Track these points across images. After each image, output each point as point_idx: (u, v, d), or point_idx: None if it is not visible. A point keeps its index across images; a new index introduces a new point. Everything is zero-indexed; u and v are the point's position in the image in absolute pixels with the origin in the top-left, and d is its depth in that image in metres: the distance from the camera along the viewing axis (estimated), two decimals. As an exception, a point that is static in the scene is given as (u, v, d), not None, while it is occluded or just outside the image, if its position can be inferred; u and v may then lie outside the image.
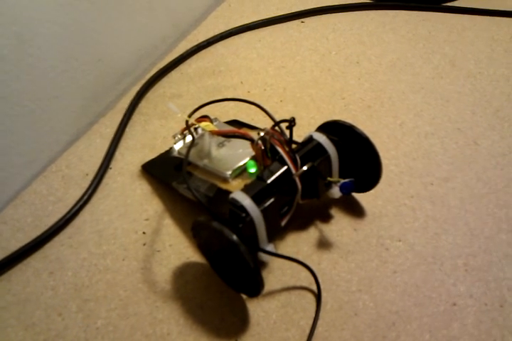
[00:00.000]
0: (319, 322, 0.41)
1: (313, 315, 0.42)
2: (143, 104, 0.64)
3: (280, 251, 0.46)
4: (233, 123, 0.56)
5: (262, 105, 0.47)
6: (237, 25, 0.76)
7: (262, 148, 0.43)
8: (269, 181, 0.41)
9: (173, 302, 0.43)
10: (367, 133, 0.45)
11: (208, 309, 0.43)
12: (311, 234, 0.48)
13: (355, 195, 0.51)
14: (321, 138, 0.45)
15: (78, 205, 0.51)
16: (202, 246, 0.44)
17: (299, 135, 0.47)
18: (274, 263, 0.46)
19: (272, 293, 0.44)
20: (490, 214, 0.49)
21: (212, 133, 0.46)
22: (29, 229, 0.49)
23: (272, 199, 0.41)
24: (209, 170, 0.48)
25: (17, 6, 0.46)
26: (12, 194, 0.52)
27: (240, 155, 0.48)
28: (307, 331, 0.41)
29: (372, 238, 0.47)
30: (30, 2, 0.47)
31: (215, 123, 0.50)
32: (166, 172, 0.52)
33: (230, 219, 0.39)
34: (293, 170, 0.42)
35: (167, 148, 0.55)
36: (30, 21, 0.48)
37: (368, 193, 0.49)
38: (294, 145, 0.44)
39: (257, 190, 0.40)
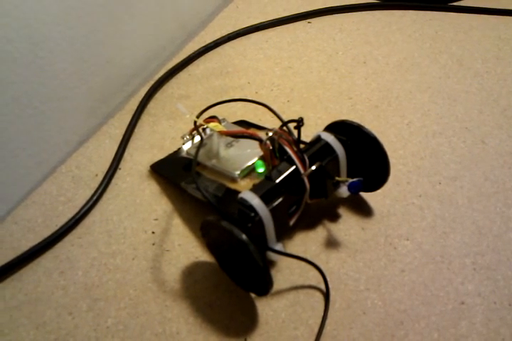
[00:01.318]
0: (328, 321, 0.42)
1: (321, 313, 0.42)
2: (151, 105, 0.64)
3: (288, 251, 0.47)
4: (241, 123, 0.57)
5: (269, 105, 0.47)
6: (244, 26, 0.76)
7: (271, 148, 0.43)
8: (277, 181, 0.41)
9: (182, 302, 0.44)
10: (374, 133, 0.45)
11: (217, 308, 0.43)
12: (319, 234, 0.48)
13: (363, 194, 0.51)
14: (329, 138, 0.45)
15: (88, 205, 0.51)
16: (211, 246, 0.44)
17: (307, 135, 0.47)
18: (283, 262, 0.46)
19: (280, 292, 0.44)
20: (498, 212, 0.49)
21: (221, 133, 0.46)
22: (40, 229, 0.50)
23: (280, 199, 0.41)
24: (217, 170, 0.48)
25: (29, 10, 0.47)
26: (23, 194, 0.53)
27: (248, 155, 0.48)
28: (316, 330, 0.41)
29: (380, 237, 0.48)
30: (42, 6, 0.48)
31: (223, 124, 0.51)
32: (174, 173, 0.52)
33: (238, 218, 0.40)
34: (301, 170, 0.42)
35: (175, 149, 0.55)
36: (42, 25, 0.48)
37: (375, 192, 0.50)
38: (302, 145, 0.44)
39: (266, 190, 0.41)
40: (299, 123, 0.43)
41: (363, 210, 0.50)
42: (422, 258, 0.46)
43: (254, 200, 0.39)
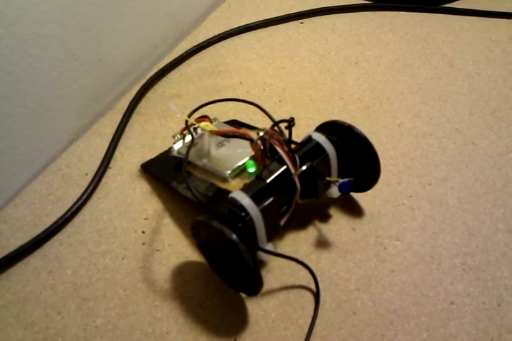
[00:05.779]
0: (318, 321, 0.42)
1: (311, 313, 0.42)
2: (142, 104, 0.64)
3: (279, 250, 0.46)
4: (232, 123, 0.57)
5: (261, 105, 0.47)
6: (236, 26, 0.76)
7: (262, 147, 0.43)
8: (268, 181, 0.41)
9: (172, 301, 0.44)
10: (365, 134, 0.45)
11: (207, 308, 0.43)
12: (310, 234, 0.48)
13: (354, 194, 0.51)
14: (320, 138, 0.45)
15: (78, 204, 0.51)
16: (201, 246, 0.44)
17: (298, 135, 0.47)
18: (273, 262, 0.46)
19: (270, 292, 0.44)
20: (488, 213, 0.49)
21: (212, 133, 0.46)
22: (29, 228, 0.49)
23: (271, 199, 0.41)
24: (208, 169, 0.48)
25: (19, 8, 0.46)
26: (12, 193, 0.52)
27: (239, 154, 0.48)
28: (306, 330, 0.41)
29: (371, 237, 0.48)
30: (32, 4, 0.48)
31: (214, 123, 0.51)
32: (165, 172, 0.52)
33: (229, 218, 0.40)
34: (292, 170, 0.42)
35: (166, 148, 0.55)
36: (32, 22, 0.48)
37: (366, 193, 0.50)
38: (293, 145, 0.45)
39: (257, 190, 0.41)
40: (290, 123, 0.43)
41: (354, 210, 0.50)
42: (412, 259, 0.46)
43: (245, 200, 0.39)
